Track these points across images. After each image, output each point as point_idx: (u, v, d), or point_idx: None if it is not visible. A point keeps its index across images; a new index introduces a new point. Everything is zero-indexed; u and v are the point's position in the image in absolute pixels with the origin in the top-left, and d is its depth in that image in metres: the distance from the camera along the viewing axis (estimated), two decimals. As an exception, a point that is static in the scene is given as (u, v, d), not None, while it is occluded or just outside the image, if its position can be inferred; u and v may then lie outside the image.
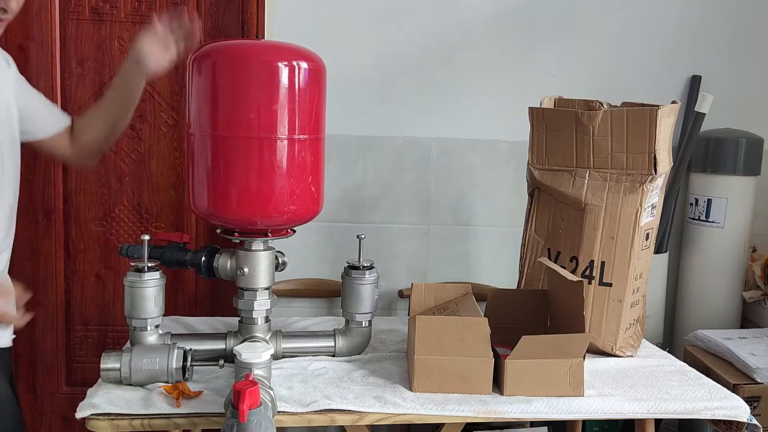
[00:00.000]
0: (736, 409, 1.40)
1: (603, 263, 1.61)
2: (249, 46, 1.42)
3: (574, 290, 1.43)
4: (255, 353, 1.27)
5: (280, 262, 1.54)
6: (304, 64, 1.40)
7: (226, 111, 1.38)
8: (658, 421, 1.55)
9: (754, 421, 1.40)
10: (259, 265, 1.47)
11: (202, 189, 1.42)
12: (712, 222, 2.18)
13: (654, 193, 1.61)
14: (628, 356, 1.65)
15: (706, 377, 1.56)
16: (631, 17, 2.23)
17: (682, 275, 2.30)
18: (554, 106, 1.77)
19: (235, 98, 1.37)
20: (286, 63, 1.37)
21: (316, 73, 1.44)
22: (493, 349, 1.40)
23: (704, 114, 2.12)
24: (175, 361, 1.37)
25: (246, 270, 1.46)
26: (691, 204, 2.25)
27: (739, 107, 2.28)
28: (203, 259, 1.48)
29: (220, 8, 2.12)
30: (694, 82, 2.25)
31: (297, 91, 1.39)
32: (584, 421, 2.01)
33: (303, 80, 1.40)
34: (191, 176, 1.44)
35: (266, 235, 1.47)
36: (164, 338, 1.48)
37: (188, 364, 1.39)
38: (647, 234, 1.64)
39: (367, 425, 1.35)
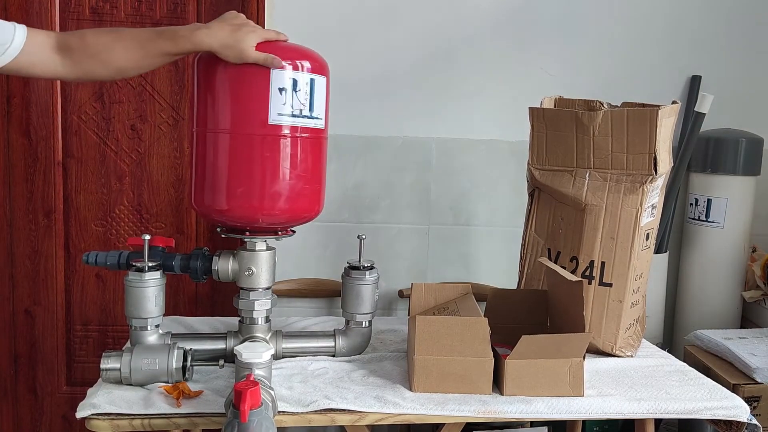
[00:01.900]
0: (736, 409, 1.40)
1: (603, 263, 1.61)
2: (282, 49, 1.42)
3: (573, 290, 1.43)
4: (255, 353, 1.27)
5: None
6: (307, 64, 1.40)
7: (229, 109, 1.39)
8: (658, 421, 1.55)
9: (754, 421, 1.39)
10: (262, 265, 1.47)
11: (204, 187, 1.42)
12: (712, 222, 2.18)
13: (654, 194, 1.61)
14: (628, 356, 1.65)
15: (706, 377, 1.56)
16: (631, 17, 2.23)
17: (682, 275, 2.30)
18: (554, 106, 1.77)
19: (238, 97, 1.37)
20: (290, 62, 1.37)
21: (322, 73, 1.44)
22: (493, 349, 1.40)
23: (704, 114, 2.12)
24: (175, 361, 1.37)
25: (254, 270, 1.46)
26: (691, 204, 2.25)
27: (739, 107, 2.28)
28: (199, 263, 1.48)
29: (220, 8, 2.12)
30: (694, 82, 2.25)
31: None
32: (584, 421, 2.01)
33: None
34: (193, 174, 1.44)
35: (276, 234, 1.48)
36: (164, 338, 1.48)
37: (188, 364, 1.39)
38: (647, 234, 1.64)
39: (367, 425, 1.35)
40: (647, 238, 1.64)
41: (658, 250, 2.16)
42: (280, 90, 1.36)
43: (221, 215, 1.43)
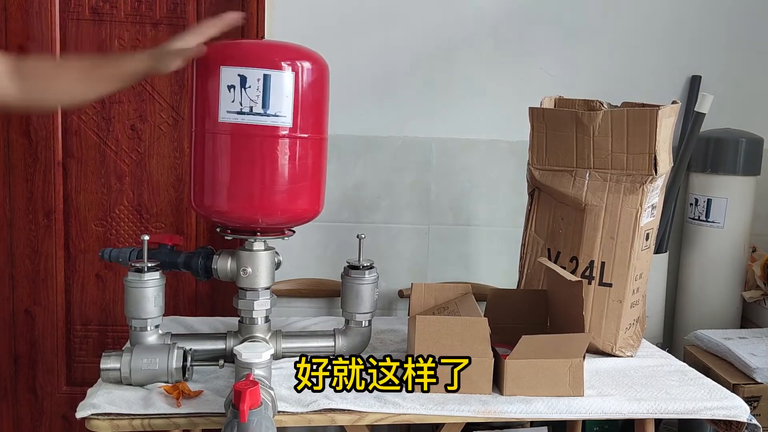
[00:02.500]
0: (736, 409, 1.40)
1: (603, 263, 1.61)
2: (252, 46, 1.42)
3: (573, 290, 1.43)
4: (255, 353, 1.27)
5: (275, 261, 1.55)
6: (307, 64, 1.40)
7: (197, 109, 1.40)
8: (658, 421, 1.55)
9: (754, 421, 1.39)
10: (261, 265, 1.47)
11: (204, 187, 1.42)
12: (712, 222, 2.18)
13: (654, 194, 1.61)
14: (627, 356, 1.65)
15: (706, 377, 1.56)
16: (630, 17, 2.23)
17: (682, 275, 2.30)
18: (554, 106, 1.77)
19: (199, 96, 1.39)
20: (289, 63, 1.38)
21: (320, 73, 1.44)
22: (493, 349, 1.40)
23: (704, 114, 2.13)
24: (175, 361, 1.37)
25: (249, 270, 1.46)
26: (691, 204, 2.25)
27: (739, 107, 2.28)
28: (200, 261, 1.48)
29: (220, 8, 2.12)
30: (694, 82, 2.25)
31: (300, 91, 1.39)
32: (584, 421, 2.01)
33: (306, 80, 1.40)
34: (193, 174, 1.45)
35: (283, 233, 1.49)
36: (164, 338, 1.48)
37: (188, 364, 1.39)
38: (647, 234, 1.64)
39: (367, 425, 1.35)
40: (647, 238, 1.64)
41: (658, 250, 2.16)
42: (229, 87, 1.36)
43: (219, 216, 1.44)
